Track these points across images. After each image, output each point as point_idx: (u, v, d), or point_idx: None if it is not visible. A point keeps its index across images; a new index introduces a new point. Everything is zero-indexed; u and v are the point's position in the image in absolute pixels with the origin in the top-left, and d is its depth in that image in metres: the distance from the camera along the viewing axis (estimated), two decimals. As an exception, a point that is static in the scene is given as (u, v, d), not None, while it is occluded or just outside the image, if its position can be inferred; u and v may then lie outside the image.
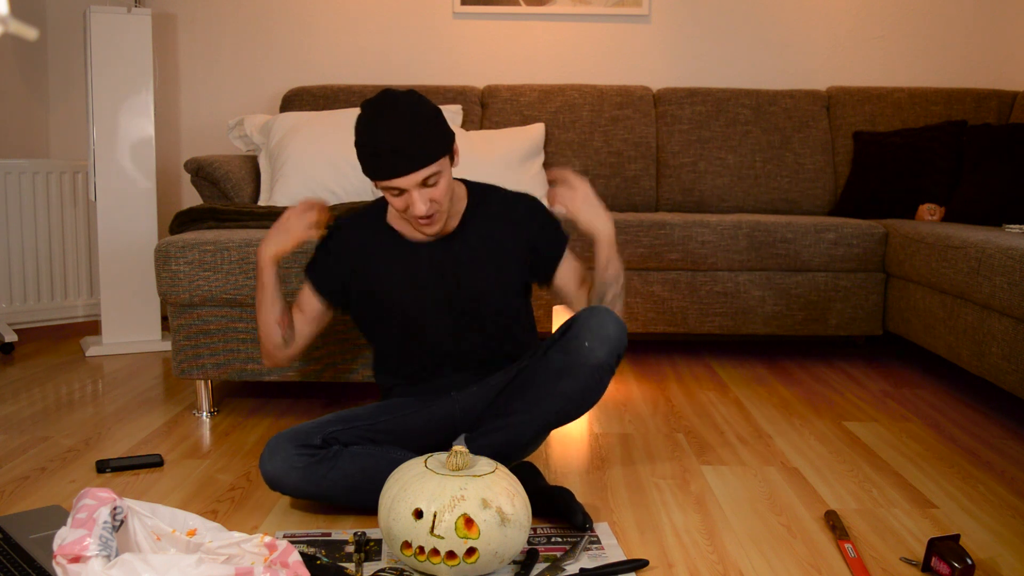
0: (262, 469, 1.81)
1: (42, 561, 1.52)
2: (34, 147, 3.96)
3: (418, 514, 1.52)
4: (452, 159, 1.83)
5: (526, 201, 2.02)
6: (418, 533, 1.51)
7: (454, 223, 1.95)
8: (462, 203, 1.97)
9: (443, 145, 1.78)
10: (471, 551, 1.51)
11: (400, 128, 1.73)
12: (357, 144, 1.79)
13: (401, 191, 1.77)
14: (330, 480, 1.80)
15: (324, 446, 1.83)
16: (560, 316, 2.87)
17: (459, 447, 1.61)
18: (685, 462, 2.23)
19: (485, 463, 1.64)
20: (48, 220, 3.67)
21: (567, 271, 2.04)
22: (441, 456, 1.66)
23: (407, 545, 1.53)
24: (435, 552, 1.52)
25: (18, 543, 1.61)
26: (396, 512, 1.54)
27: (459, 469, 1.59)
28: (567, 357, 1.83)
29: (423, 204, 1.77)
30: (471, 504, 1.51)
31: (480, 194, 2.00)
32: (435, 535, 1.50)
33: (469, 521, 1.50)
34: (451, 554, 1.52)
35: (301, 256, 2.48)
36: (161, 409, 2.67)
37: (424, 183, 1.76)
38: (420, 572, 1.57)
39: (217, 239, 2.49)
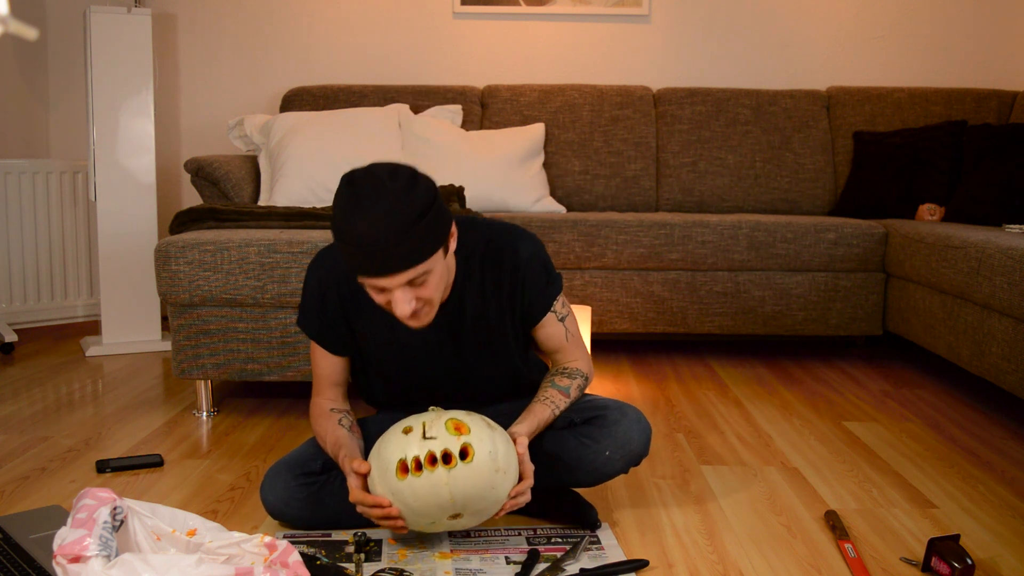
0: (263, 500, 1.76)
1: (42, 561, 1.52)
2: (34, 147, 3.96)
3: (408, 431, 1.55)
4: (447, 250, 1.58)
5: (516, 262, 1.74)
6: (410, 444, 1.52)
7: (447, 290, 1.70)
8: (452, 268, 1.70)
9: (434, 241, 1.50)
10: (465, 452, 1.51)
11: (382, 221, 1.45)
12: (333, 228, 1.51)
13: (382, 289, 1.53)
14: (334, 507, 1.76)
15: (324, 471, 1.78)
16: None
17: (433, 407, 1.66)
18: (685, 462, 2.23)
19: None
20: (48, 220, 3.67)
21: (549, 332, 1.82)
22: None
23: (403, 467, 1.51)
24: (431, 459, 1.50)
25: (18, 543, 1.60)
26: (386, 443, 1.56)
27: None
28: (583, 453, 1.78)
29: (406, 304, 1.52)
30: (456, 412, 1.58)
31: (471, 252, 1.73)
32: (428, 438, 1.51)
33: (458, 425, 1.54)
34: (447, 457, 1.50)
35: (301, 256, 2.48)
36: (161, 409, 2.67)
37: (410, 283, 1.52)
38: (419, 501, 1.53)
39: (217, 239, 2.49)
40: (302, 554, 1.57)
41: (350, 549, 1.69)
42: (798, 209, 3.77)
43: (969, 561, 1.58)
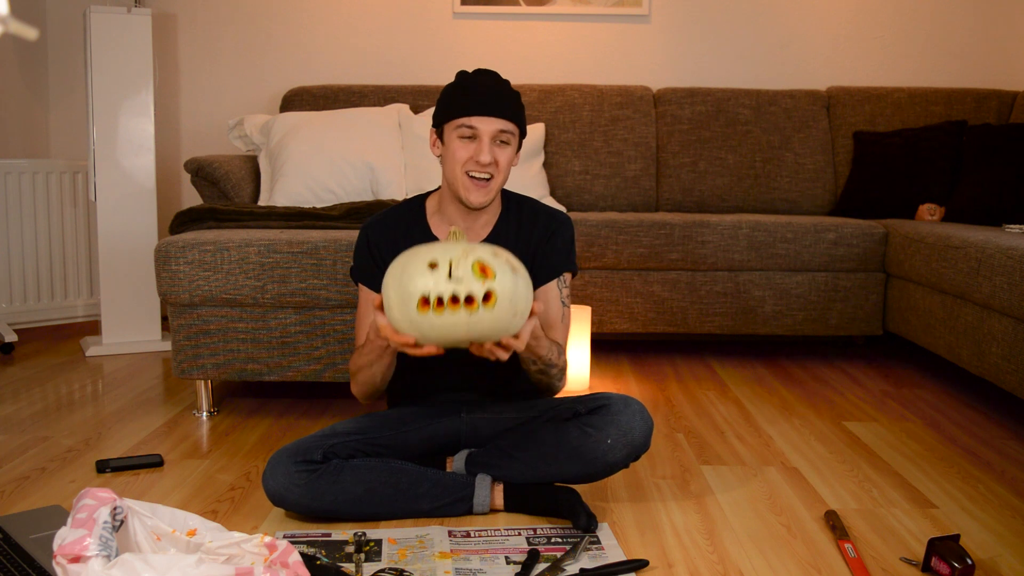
0: (264, 486, 1.80)
1: (42, 561, 1.52)
2: (34, 147, 3.96)
3: (433, 266, 1.53)
4: (518, 151, 1.88)
5: (552, 221, 1.96)
6: (436, 282, 1.52)
7: (486, 231, 1.93)
8: (496, 212, 1.95)
9: (523, 122, 1.87)
10: (488, 296, 1.52)
11: (498, 82, 1.85)
12: (448, 88, 1.85)
13: (474, 135, 1.80)
14: (332, 495, 1.79)
15: (325, 460, 1.82)
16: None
17: (454, 228, 1.66)
18: (685, 462, 2.23)
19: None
20: (48, 220, 3.67)
21: (549, 302, 1.93)
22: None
23: (424, 302, 1.52)
24: (454, 300, 1.51)
25: (18, 543, 1.61)
26: (409, 272, 1.54)
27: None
28: (585, 441, 1.81)
29: (487, 155, 1.79)
30: (483, 252, 1.56)
31: (514, 206, 1.97)
32: (453, 278, 1.52)
33: (484, 267, 1.54)
34: (469, 299, 1.51)
35: (301, 256, 2.48)
36: (161, 409, 2.67)
37: (497, 139, 1.81)
38: (434, 333, 1.54)
39: (217, 239, 2.49)
40: (302, 554, 1.57)
41: (350, 549, 1.69)
42: (798, 209, 3.76)
43: (969, 561, 1.58)
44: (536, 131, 3.66)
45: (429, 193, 2.00)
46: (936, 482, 2.11)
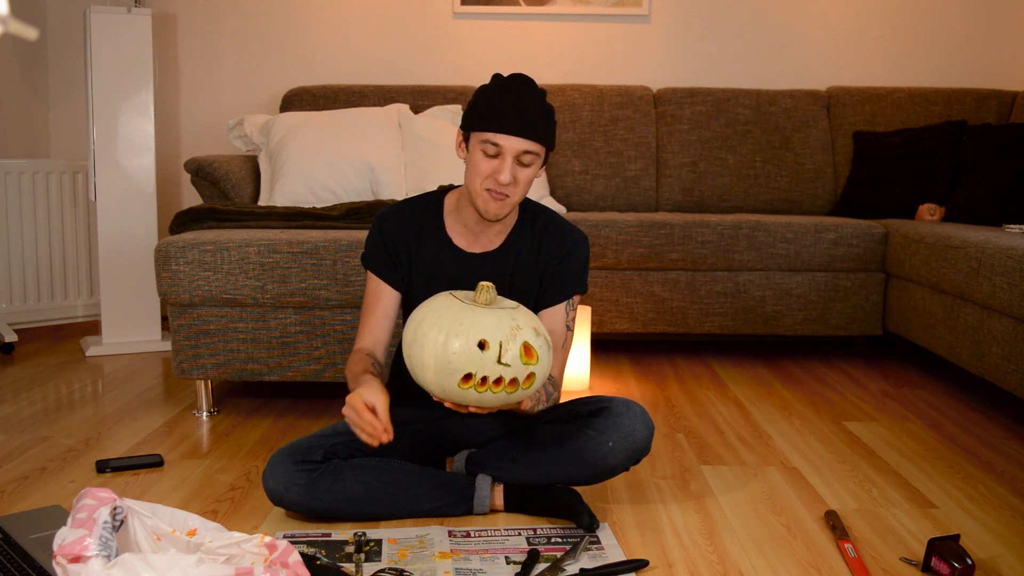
0: (264, 485, 1.80)
1: (42, 561, 1.52)
2: (34, 147, 3.96)
3: (482, 346, 1.56)
4: (543, 164, 1.83)
5: (567, 238, 1.92)
6: (484, 363, 1.55)
7: (499, 239, 1.91)
8: (512, 220, 1.92)
9: (551, 141, 1.80)
10: (529, 376, 1.59)
11: (533, 98, 1.76)
12: (481, 94, 1.79)
13: (498, 152, 1.75)
14: (332, 495, 1.79)
15: (325, 460, 1.82)
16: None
17: (485, 283, 1.67)
18: (685, 462, 2.23)
19: (506, 300, 1.72)
20: (48, 220, 3.67)
21: (553, 326, 1.91)
22: (466, 293, 1.70)
23: (467, 378, 1.56)
24: (498, 381, 1.56)
25: (18, 543, 1.61)
26: (454, 347, 1.56)
27: (490, 304, 1.65)
28: (586, 444, 1.81)
29: (507, 173, 1.74)
30: (527, 333, 1.59)
31: (529, 216, 1.93)
32: (503, 363, 1.56)
33: (528, 348, 1.58)
34: (514, 381, 1.57)
35: (301, 256, 2.48)
36: (161, 409, 2.67)
37: (520, 159, 1.76)
38: (465, 402, 1.60)
39: (217, 239, 2.49)
40: (302, 554, 1.57)
41: (350, 549, 1.69)
42: (798, 209, 3.76)
43: (969, 561, 1.58)
44: (536, 131, 3.66)
45: (448, 189, 1.96)
46: (936, 482, 2.11)
